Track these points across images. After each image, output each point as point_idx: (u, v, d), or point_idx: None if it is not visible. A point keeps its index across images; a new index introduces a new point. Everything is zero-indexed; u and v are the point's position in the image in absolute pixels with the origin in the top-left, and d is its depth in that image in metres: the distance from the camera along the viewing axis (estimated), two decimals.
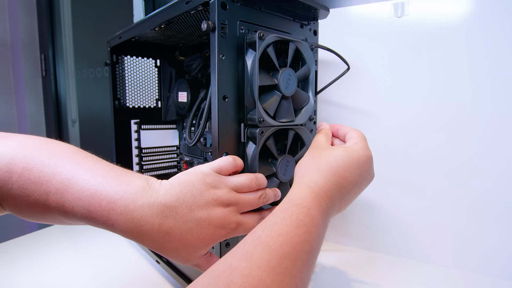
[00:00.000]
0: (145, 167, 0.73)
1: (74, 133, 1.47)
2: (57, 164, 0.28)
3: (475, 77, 0.52)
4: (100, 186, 0.27)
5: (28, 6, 1.40)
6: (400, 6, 0.56)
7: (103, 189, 0.27)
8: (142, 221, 0.27)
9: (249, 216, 0.33)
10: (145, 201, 0.27)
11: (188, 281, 0.47)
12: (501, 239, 0.52)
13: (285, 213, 0.27)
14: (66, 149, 0.30)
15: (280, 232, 0.25)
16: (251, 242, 0.25)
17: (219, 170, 0.32)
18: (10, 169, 0.27)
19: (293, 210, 0.27)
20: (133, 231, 0.27)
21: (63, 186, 0.27)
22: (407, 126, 0.58)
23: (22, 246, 0.66)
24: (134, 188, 0.28)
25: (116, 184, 0.28)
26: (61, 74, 1.43)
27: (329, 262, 0.58)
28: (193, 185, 0.30)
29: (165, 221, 0.27)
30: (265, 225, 0.26)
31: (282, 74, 0.38)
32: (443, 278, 0.53)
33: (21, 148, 0.28)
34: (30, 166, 0.27)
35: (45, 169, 0.27)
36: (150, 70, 0.73)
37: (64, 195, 0.27)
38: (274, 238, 0.24)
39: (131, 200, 0.27)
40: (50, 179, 0.27)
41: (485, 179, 0.52)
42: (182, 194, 0.29)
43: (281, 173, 0.40)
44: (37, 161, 0.27)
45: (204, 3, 0.36)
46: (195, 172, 0.31)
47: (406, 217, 0.59)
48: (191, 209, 0.28)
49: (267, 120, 0.37)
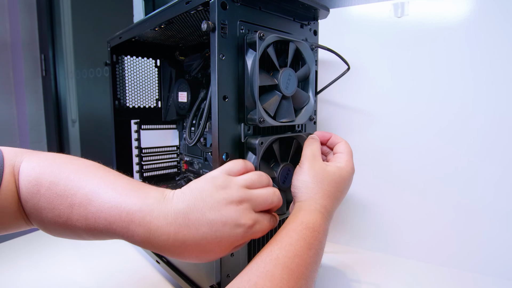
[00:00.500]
0: (145, 167, 0.73)
1: (74, 133, 1.47)
2: (81, 178, 0.29)
3: (475, 77, 0.52)
4: (120, 198, 0.28)
5: (28, 6, 1.40)
6: (400, 6, 0.56)
7: (123, 202, 0.28)
8: (159, 232, 0.27)
9: (263, 214, 0.32)
10: (160, 212, 0.28)
11: (188, 281, 0.47)
12: (501, 239, 0.52)
13: (299, 235, 0.30)
14: (89, 165, 0.32)
15: (296, 253, 0.28)
16: (270, 262, 0.28)
17: (228, 171, 0.32)
18: (39, 182, 0.29)
19: (306, 233, 0.30)
20: (152, 242, 0.27)
21: (87, 199, 0.28)
22: (407, 126, 0.58)
23: (22, 246, 0.66)
24: (150, 200, 0.28)
25: (135, 196, 0.29)
26: (61, 74, 1.43)
27: (329, 262, 0.58)
28: (203, 188, 0.30)
29: (180, 229, 0.28)
30: (281, 244, 0.29)
31: (282, 74, 0.38)
32: (443, 278, 0.53)
33: (49, 164, 0.30)
34: (57, 180, 0.29)
35: (70, 183, 0.29)
36: (150, 70, 0.73)
37: (87, 207, 0.28)
38: (291, 259, 0.28)
39: (148, 212, 0.28)
40: (74, 193, 0.28)
41: (485, 180, 0.52)
42: (193, 198, 0.29)
43: (280, 180, 0.40)
44: (63, 175, 0.29)
45: (204, 3, 0.36)
46: (205, 177, 0.31)
47: (406, 217, 0.59)
48: (202, 212, 0.28)
49: (267, 120, 0.37)
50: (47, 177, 0.29)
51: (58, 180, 0.29)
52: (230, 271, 0.39)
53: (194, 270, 0.46)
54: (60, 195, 0.28)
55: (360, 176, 0.63)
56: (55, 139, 1.46)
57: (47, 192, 0.28)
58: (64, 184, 0.29)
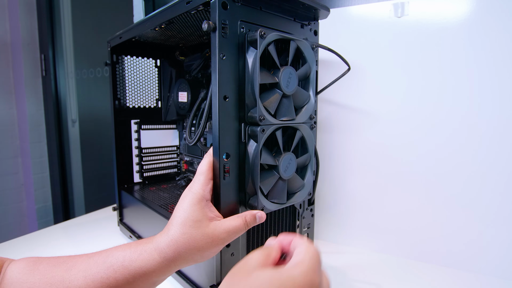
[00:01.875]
0: (145, 167, 0.73)
1: (74, 133, 1.47)
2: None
3: (474, 77, 0.52)
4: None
5: (28, 6, 1.40)
6: (400, 6, 0.56)
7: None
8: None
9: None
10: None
11: (188, 281, 0.47)
12: (502, 240, 0.52)
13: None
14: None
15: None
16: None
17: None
18: None
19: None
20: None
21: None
22: (407, 127, 0.58)
23: (22, 246, 0.66)
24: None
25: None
26: (61, 74, 1.43)
27: (330, 262, 0.58)
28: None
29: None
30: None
31: (283, 72, 0.38)
32: (443, 278, 0.53)
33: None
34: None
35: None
36: (150, 70, 0.73)
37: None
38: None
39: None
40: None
41: (486, 180, 0.52)
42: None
43: (282, 169, 0.40)
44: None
45: (205, 3, 0.36)
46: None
47: (407, 217, 0.59)
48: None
49: (267, 118, 0.37)
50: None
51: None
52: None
53: (194, 270, 0.46)
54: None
55: (360, 176, 0.63)
56: (55, 139, 1.46)
57: None
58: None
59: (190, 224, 0.32)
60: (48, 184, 1.52)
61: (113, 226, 0.74)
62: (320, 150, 0.65)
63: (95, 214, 0.86)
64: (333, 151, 0.65)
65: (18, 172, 1.47)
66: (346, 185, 0.64)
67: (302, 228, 0.50)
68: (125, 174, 0.71)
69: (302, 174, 0.44)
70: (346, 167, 0.64)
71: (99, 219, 0.81)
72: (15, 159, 1.45)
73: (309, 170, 0.44)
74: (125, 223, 0.69)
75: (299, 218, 0.49)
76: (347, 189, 0.64)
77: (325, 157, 0.65)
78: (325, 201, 0.67)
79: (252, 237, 0.42)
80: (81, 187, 1.49)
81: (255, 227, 0.42)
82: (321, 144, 0.65)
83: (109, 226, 0.75)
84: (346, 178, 0.64)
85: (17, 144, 1.46)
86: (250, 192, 0.38)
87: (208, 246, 0.32)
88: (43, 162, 1.50)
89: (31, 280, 0.30)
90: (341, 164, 0.64)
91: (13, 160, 1.45)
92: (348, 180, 0.64)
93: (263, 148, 0.38)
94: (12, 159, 1.44)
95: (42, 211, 1.49)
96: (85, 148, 1.46)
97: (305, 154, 0.44)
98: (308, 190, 0.44)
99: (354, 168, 0.63)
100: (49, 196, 1.53)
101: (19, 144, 1.46)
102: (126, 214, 0.69)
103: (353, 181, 0.64)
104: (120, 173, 0.70)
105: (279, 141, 0.39)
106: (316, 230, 0.67)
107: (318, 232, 0.68)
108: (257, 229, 0.43)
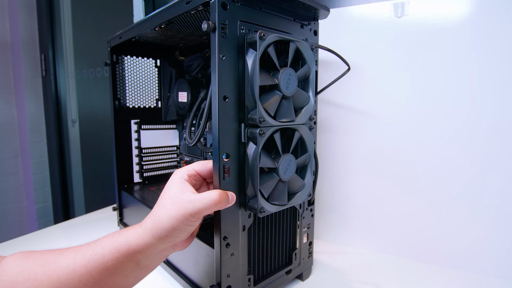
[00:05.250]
0: (145, 167, 0.73)
1: (74, 133, 1.47)
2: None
3: (474, 77, 0.52)
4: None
5: (28, 6, 1.40)
6: (400, 6, 0.56)
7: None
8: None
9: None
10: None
11: (188, 281, 0.47)
12: (502, 240, 0.52)
13: None
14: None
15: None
16: None
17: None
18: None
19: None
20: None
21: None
22: (408, 127, 0.58)
23: (22, 246, 0.66)
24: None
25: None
26: (61, 74, 1.43)
27: (330, 262, 0.58)
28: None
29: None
30: None
31: (283, 74, 0.38)
32: (443, 278, 0.53)
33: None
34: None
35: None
36: (150, 70, 0.73)
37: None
38: None
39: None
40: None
41: (487, 180, 0.52)
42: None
43: (282, 171, 0.40)
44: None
45: (205, 3, 0.36)
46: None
47: (407, 217, 0.59)
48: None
49: (267, 120, 0.37)
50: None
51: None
52: (230, 271, 0.39)
53: (194, 270, 0.46)
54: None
55: (360, 176, 0.63)
56: (55, 139, 1.46)
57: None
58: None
59: (165, 197, 0.35)
60: (48, 184, 1.52)
61: (113, 226, 0.74)
62: (320, 151, 0.65)
63: (95, 214, 0.86)
64: (333, 152, 0.65)
65: (18, 172, 1.47)
66: (346, 185, 0.64)
67: (302, 228, 0.50)
68: (125, 174, 0.71)
69: (302, 174, 0.44)
70: (346, 167, 0.64)
71: (99, 219, 0.81)
72: (15, 159, 1.46)
73: (309, 170, 0.44)
74: (125, 223, 0.70)
75: (299, 218, 0.49)
76: (347, 190, 0.65)
77: (325, 157, 0.65)
78: (325, 202, 0.67)
79: (253, 237, 0.42)
80: (81, 187, 1.49)
81: (255, 228, 0.42)
82: (321, 145, 0.65)
83: (109, 226, 0.75)
84: (346, 178, 0.64)
85: (17, 144, 1.46)
86: (250, 195, 0.38)
87: (174, 210, 0.33)
88: (43, 162, 1.50)
89: (25, 265, 0.33)
90: (341, 164, 0.64)
91: (13, 160, 1.45)
92: (348, 180, 0.64)
93: (262, 151, 0.38)
94: (12, 159, 1.44)
95: (42, 211, 1.49)
96: (85, 148, 1.46)
97: (304, 154, 0.44)
98: (308, 191, 0.44)
99: (354, 169, 0.63)
100: (49, 196, 1.53)
101: (19, 144, 1.46)
102: (126, 214, 0.69)
103: (353, 181, 0.64)
104: (120, 173, 0.70)
105: (277, 144, 0.39)
106: (316, 230, 0.67)
107: (318, 232, 0.68)
108: (257, 229, 0.43)
